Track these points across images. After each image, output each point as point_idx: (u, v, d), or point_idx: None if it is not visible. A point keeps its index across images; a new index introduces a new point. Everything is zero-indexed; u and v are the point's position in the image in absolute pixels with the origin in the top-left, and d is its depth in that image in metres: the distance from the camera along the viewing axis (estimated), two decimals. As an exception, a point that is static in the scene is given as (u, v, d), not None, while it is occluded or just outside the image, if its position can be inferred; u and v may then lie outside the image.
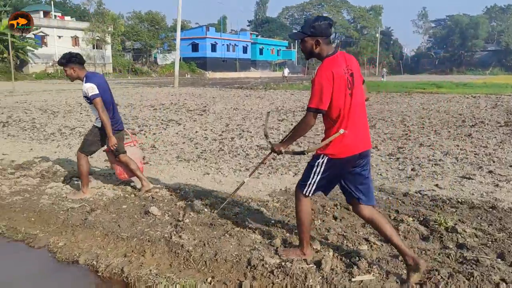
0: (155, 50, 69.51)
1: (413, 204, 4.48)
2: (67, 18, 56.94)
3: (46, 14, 54.37)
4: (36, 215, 4.24)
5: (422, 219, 3.97)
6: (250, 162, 6.64)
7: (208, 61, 67.43)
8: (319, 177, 2.93)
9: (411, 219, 4.00)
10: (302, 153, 3.15)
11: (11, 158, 6.83)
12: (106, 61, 57.39)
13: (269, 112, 4.33)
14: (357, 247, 3.37)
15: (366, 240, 3.51)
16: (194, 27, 76.80)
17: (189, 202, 4.48)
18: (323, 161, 2.90)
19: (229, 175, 5.84)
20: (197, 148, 7.73)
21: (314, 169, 2.94)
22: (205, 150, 7.50)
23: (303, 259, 3.12)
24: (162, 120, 11.58)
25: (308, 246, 3.17)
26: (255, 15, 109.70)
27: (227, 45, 72.18)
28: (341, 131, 2.79)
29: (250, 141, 8.38)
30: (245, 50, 77.05)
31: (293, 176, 5.74)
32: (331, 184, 3.07)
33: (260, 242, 3.46)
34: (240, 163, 6.54)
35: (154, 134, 9.30)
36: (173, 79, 32.46)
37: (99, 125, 4.63)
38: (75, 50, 53.38)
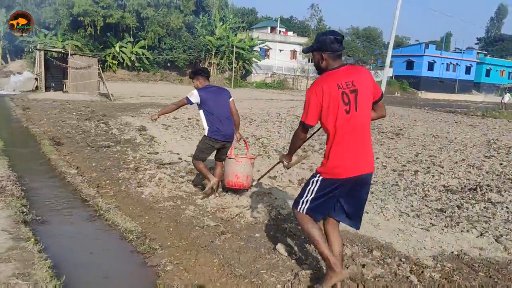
0: (368, 66, 68.85)
1: None
2: (290, 33, 61.67)
3: (273, 29, 60.10)
4: (174, 226, 4.26)
5: None
6: (426, 206, 5.45)
7: (423, 80, 62.99)
8: (312, 195, 2.86)
9: None
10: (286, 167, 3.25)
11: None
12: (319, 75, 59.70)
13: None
14: None
15: None
16: (412, 43, 73.07)
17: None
18: (317, 180, 2.86)
19: (391, 220, 4.85)
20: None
21: (309, 187, 2.90)
22: (376, 182, 6.57)
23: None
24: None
25: (336, 262, 2.83)
26: (486, 32, 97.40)
27: (447, 64, 66.00)
28: (309, 153, 2.64)
29: (436, 179, 6.99)
30: (468, 70, 68.99)
31: (477, 236, 4.38)
32: (326, 205, 2.90)
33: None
34: (412, 206, 5.42)
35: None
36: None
37: (205, 133, 5.14)
38: (293, 62, 57.65)
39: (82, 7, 41.89)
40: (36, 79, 22.42)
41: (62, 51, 24.12)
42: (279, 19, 62.81)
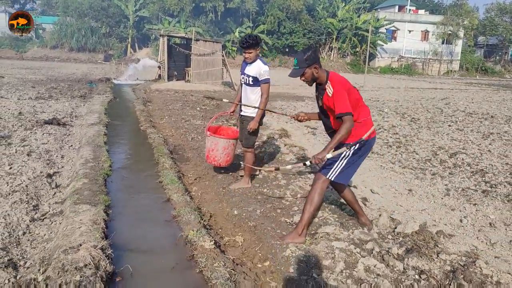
0: (518, 46, 58.51)
1: None
2: (421, 11, 54.64)
3: (401, 8, 53.72)
4: None
5: None
6: None
7: None
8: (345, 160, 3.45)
9: None
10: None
11: (385, 206, 4.40)
12: (454, 58, 52.21)
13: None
14: None
15: None
16: None
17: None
18: (352, 146, 3.37)
19: None
20: None
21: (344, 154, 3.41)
22: None
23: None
24: None
25: (304, 231, 3.48)
26: None
27: None
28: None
29: None
30: None
31: None
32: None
33: None
34: None
35: None
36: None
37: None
38: (424, 44, 50.97)
39: (204, -8, 41.30)
40: (159, 67, 21.35)
41: (186, 37, 22.82)
42: (409, -4, 55.97)
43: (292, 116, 4.05)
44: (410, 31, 51.49)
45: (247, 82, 4.72)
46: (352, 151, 3.42)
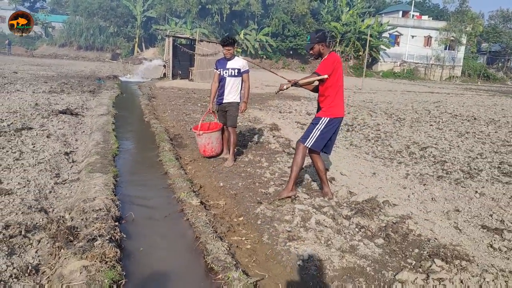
0: (520, 53, 59.03)
1: None
2: (424, 17, 55.35)
3: (405, 13, 54.48)
4: None
5: None
6: None
7: None
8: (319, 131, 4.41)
9: None
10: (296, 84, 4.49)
11: (349, 184, 5.24)
12: (456, 64, 52.88)
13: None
14: None
15: None
16: None
17: None
18: (324, 120, 4.39)
19: None
20: None
21: (317, 126, 4.42)
22: None
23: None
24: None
25: (292, 187, 4.51)
26: None
27: None
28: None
29: None
30: None
31: None
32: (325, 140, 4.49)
33: None
34: None
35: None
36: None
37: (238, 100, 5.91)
38: (426, 50, 51.68)
39: (211, -6, 42.31)
40: (164, 66, 22.30)
41: (190, 37, 23.77)
42: (413, 1, 56.67)
43: (289, 81, 4.51)
44: (413, 37, 52.18)
45: (233, 74, 5.73)
46: (324, 125, 4.35)
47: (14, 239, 3.06)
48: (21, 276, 2.64)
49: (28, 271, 2.69)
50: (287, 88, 4.34)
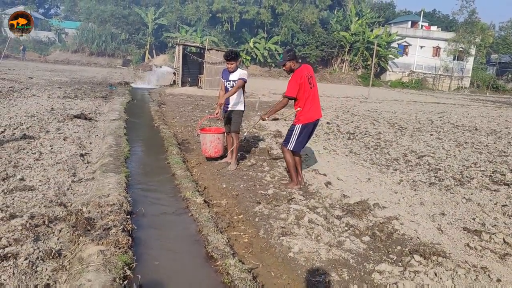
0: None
1: None
2: (433, 28, 55.64)
3: (414, 24, 54.82)
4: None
5: None
6: None
7: None
8: (296, 137, 5.26)
9: None
10: (276, 119, 6.44)
11: (344, 188, 5.60)
12: (465, 74, 53.00)
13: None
14: None
15: None
16: None
17: None
18: (298, 127, 5.24)
19: None
20: None
21: (294, 132, 5.26)
22: None
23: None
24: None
25: (295, 180, 5.43)
26: None
27: None
28: (298, 109, 5.18)
29: None
30: None
31: None
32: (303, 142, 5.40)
33: None
34: None
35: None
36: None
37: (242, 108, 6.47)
38: (435, 60, 51.89)
39: (221, 3, 43.07)
40: (174, 73, 22.87)
41: (200, 46, 24.34)
42: (422, 12, 57.06)
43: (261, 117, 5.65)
44: (421, 47, 52.49)
45: (233, 85, 6.20)
46: (299, 131, 5.19)
47: (38, 228, 3.48)
48: (46, 259, 3.05)
49: (52, 254, 3.10)
50: (263, 121, 5.77)
